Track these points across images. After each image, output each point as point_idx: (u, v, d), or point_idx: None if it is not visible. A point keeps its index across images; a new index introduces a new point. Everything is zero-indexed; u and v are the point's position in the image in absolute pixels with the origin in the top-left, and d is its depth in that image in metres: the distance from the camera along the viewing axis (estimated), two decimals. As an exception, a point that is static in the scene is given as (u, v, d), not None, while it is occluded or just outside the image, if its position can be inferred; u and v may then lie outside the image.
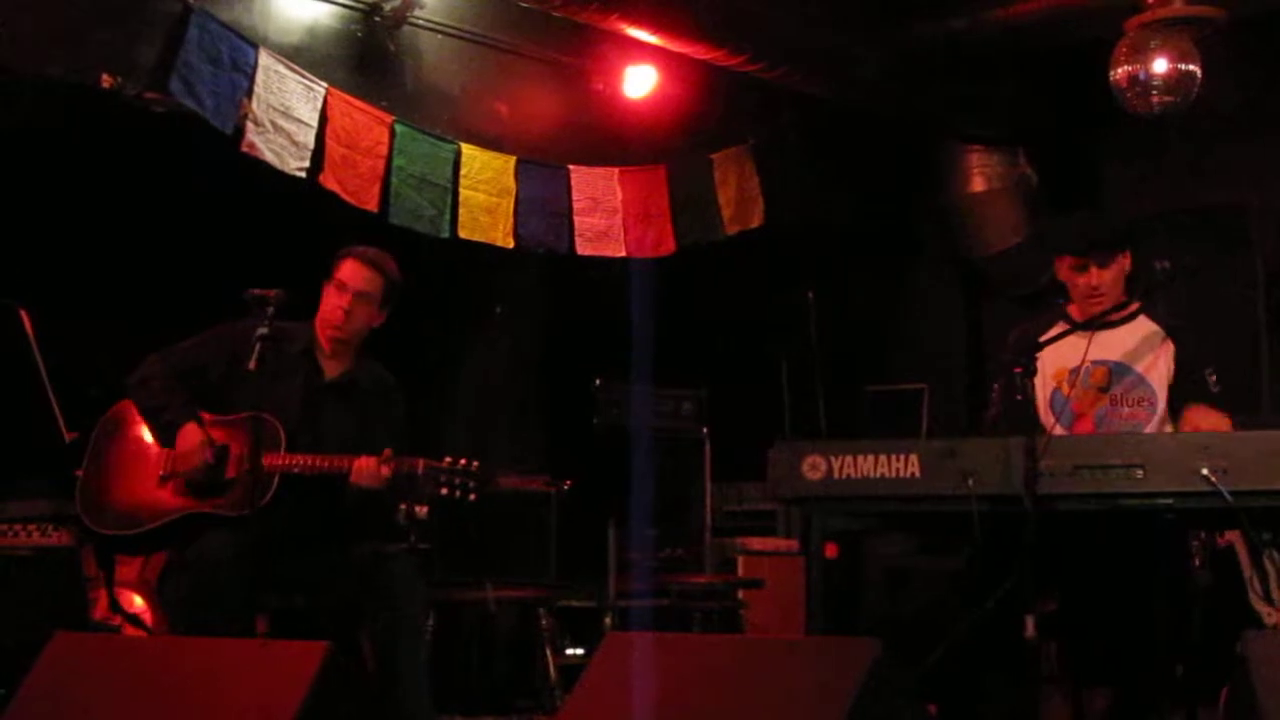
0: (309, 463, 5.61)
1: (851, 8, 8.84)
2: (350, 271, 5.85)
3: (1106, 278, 5.60)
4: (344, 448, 5.66)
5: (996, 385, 5.77)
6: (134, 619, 6.63)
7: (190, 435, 5.66)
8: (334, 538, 5.73)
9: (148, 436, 5.77)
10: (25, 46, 6.58)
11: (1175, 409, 5.56)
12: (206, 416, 5.75)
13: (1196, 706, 5.78)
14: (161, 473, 5.69)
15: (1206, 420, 5.36)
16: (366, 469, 5.58)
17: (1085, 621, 5.70)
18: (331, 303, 5.84)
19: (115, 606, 6.52)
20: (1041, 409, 5.60)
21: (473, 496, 5.62)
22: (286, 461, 5.59)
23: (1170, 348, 5.63)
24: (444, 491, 5.62)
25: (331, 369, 5.90)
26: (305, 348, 5.87)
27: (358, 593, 5.58)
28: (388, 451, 5.59)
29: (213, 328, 5.89)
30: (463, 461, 5.63)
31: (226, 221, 7.59)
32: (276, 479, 5.56)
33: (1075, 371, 5.61)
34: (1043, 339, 5.46)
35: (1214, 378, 5.55)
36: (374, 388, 5.97)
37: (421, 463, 5.63)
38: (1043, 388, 5.64)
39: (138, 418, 5.80)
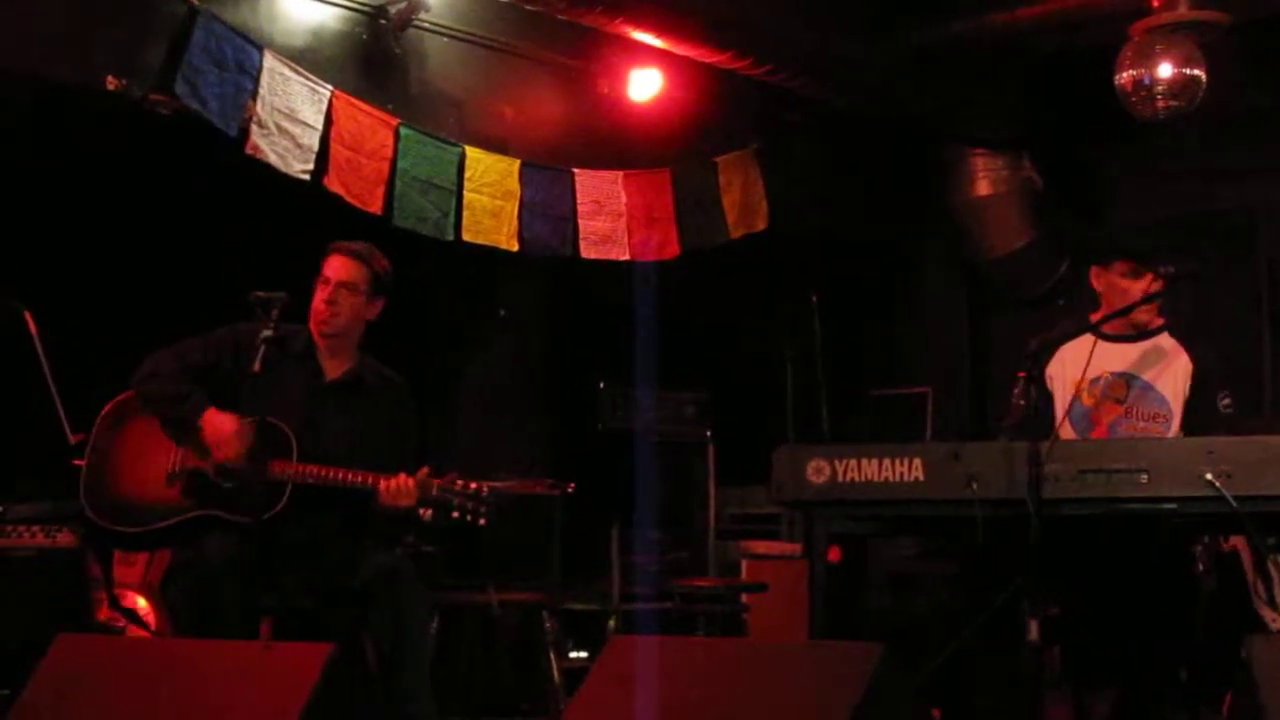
0: (324, 474, 5.55)
1: (856, 11, 8.85)
2: (333, 265, 5.84)
3: (1157, 289, 5.61)
4: (350, 449, 5.64)
5: (1016, 390, 5.76)
6: (132, 614, 6.62)
7: (221, 422, 5.57)
8: (344, 544, 5.70)
9: (153, 432, 5.68)
10: (30, 48, 6.59)
11: (1190, 433, 5.56)
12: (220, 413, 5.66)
13: (1200, 711, 5.78)
14: (170, 469, 5.62)
15: None
16: (394, 488, 5.53)
17: (1088, 626, 5.70)
18: (317, 298, 5.81)
19: (115, 604, 6.52)
20: (1059, 415, 5.60)
21: (482, 521, 5.59)
22: (299, 471, 5.54)
23: (1188, 365, 5.64)
24: (454, 515, 5.59)
25: (332, 369, 5.87)
26: (304, 349, 5.84)
27: (363, 596, 5.57)
28: (424, 471, 5.56)
29: (218, 329, 5.84)
30: (472, 485, 5.60)
31: (230, 224, 7.59)
32: (289, 489, 5.52)
33: (1095, 380, 5.62)
34: (1063, 346, 5.48)
35: (1226, 400, 5.56)
36: (379, 386, 5.94)
37: (435, 483, 5.58)
38: (1063, 395, 5.65)
39: (141, 413, 5.72)
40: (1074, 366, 5.63)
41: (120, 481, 5.66)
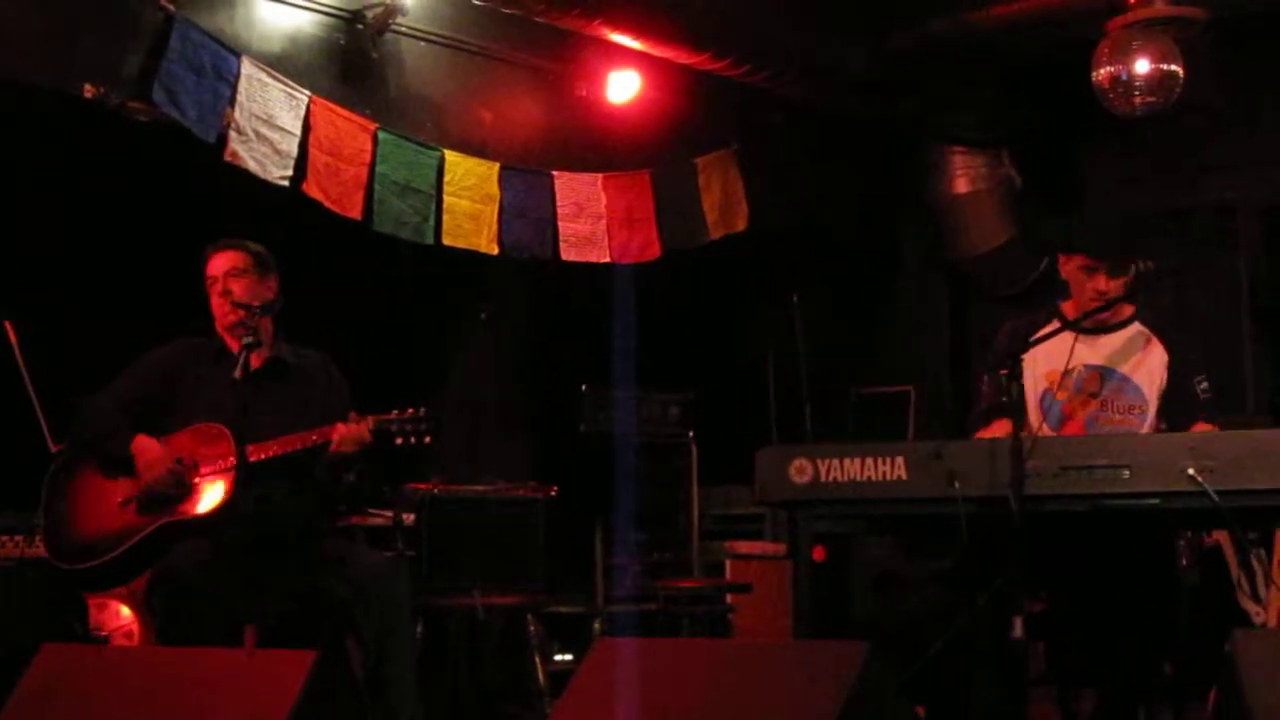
0: (286, 444, 5.63)
1: (833, 11, 8.85)
2: (212, 264, 5.91)
3: (1115, 285, 5.59)
4: (287, 424, 5.68)
5: (986, 378, 5.77)
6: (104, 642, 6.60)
7: (147, 448, 5.65)
8: (306, 532, 5.74)
9: (101, 473, 5.72)
10: (7, 56, 6.57)
11: (1170, 419, 5.56)
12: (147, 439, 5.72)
13: (1184, 706, 5.80)
14: (121, 499, 5.65)
15: None
16: (350, 433, 5.62)
17: (1073, 622, 5.71)
18: (212, 302, 5.89)
19: (88, 636, 6.47)
20: (1031, 408, 5.60)
21: (427, 439, 5.72)
22: (261, 451, 5.58)
23: (1163, 355, 5.63)
24: (399, 441, 5.70)
25: (253, 360, 5.84)
26: (218, 352, 5.85)
27: (348, 600, 5.56)
28: (353, 414, 5.67)
29: (143, 357, 5.92)
30: (410, 410, 5.72)
31: (210, 230, 7.57)
32: (233, 474, 5.51)
33: (1067, 373, 5.61)
34: (1034, 337, 5.47)
35: (1204, 384, 5.55)
36: (301, 364, 5.98)
37: (371, 419, 5.68)
38: (1033, 387, 5.65)
39: (85, 461, 5.76)
40: (1045, 360, 5.62)
41: (79, 524, 5.68)
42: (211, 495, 5.60)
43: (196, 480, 5.64)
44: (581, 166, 8.58)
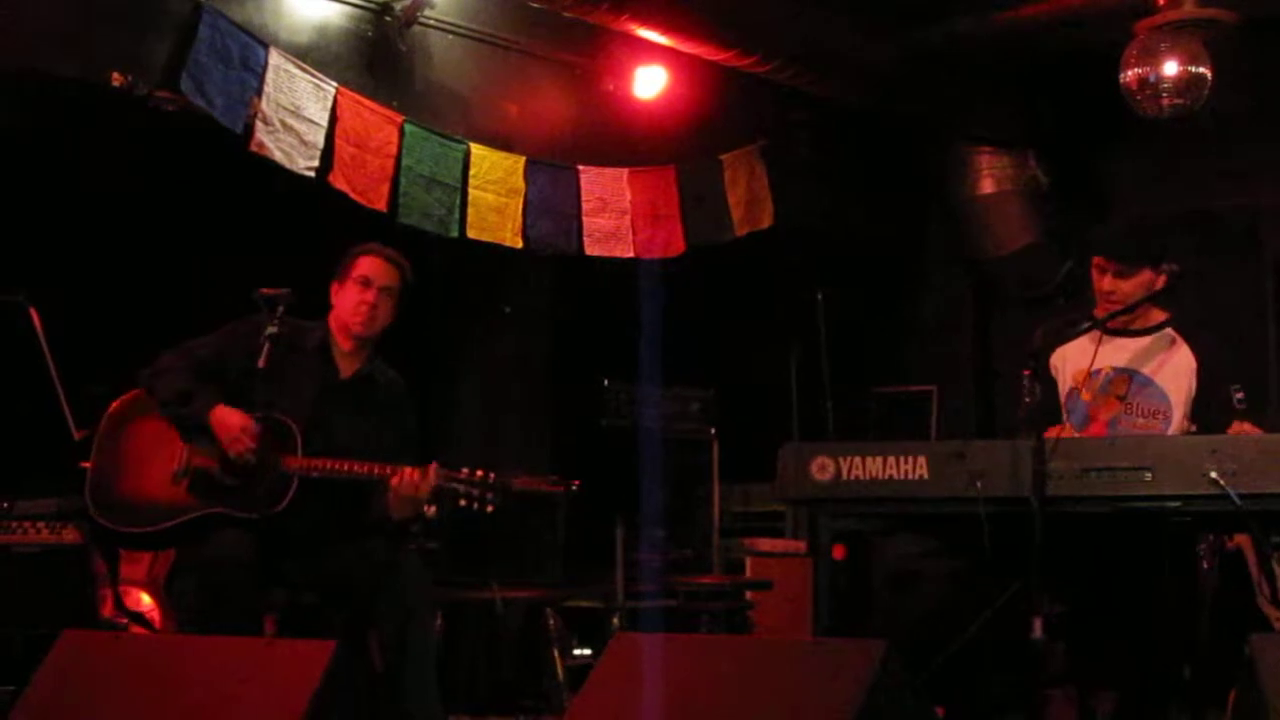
0: (334, 467, 5.57)
1: (861, 9, 8.84)
2: (374, 267, 5.83)
3: (1123, 287, 5.56)
4: (358, 446, 5.65)
5: (1027, 373, 5.74)
6: (138, 617, 6.62)
7: (230, 418, 5.55)
8: (349, 538, 5.71)
9: (158, 431, 5.66)
10: (35, 45, 6.59)
11: (1204, 428, 5.52)
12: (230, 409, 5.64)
13: (1204, 709, 5.78)
14: (176, 468, 5.59)
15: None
16: (409, 478, 5.57)
17: (1092, 624, 5.70)
18: (355, 299, 5.79)
19: (120, 606, 6.52)
20: (1060, 408, 5.60)
21: (490, 509, 5.63)
22: (306, 465, 5.55)
23: (1190, 360, 5.61)
24: (461, 503, 5.63)
25: (346, 368, 5.86)
26: (319, 345, 5.83)
27: (368, 592, 5.57)
28: (434, 465, 5.58)
29: (229, 324, 5.82)
30: (479, 473, 5.64)
31: (235, 220, 7.60)
32: (295, 483, 5.53)
33: (1094, 374, 5.60)
34: (1064, 338, 5.47)
35: (1240, 394, 5.52)
36: (389, 388, 5.95)
37: (435, 473, 5.59)
38: (1062, 386, 5.64)
39: (148, 412, 5.69)
40: (1074, 360, 5.62)
41: (126, 482, 5.64)
42: (267, 494, 5.54)
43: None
44: (607, 161, 8.58)
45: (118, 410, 5.77)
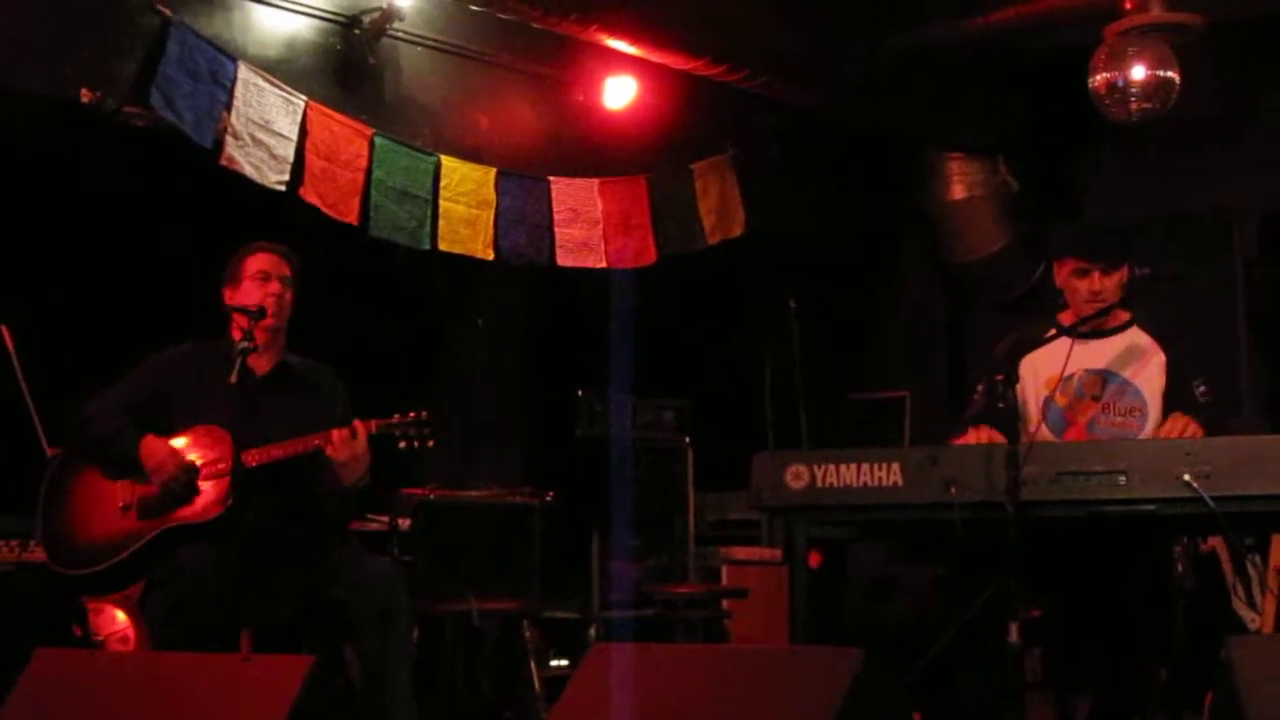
0: (283, 449, 5.59)
1: (830, 17, 8.85)
2: (267, 262, 5.84)
3: (1109, 285, 5.60)
4: (288, 432, 5.64)
5: (981, 385, 5.77)
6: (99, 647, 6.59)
7: (155, 448, 5.59)
8: (311, 540, 5.71)
9: (98, 476, 5.68)
10: (2, 62, 6.57)
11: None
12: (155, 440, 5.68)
13: (1181, 712, 5.79)
14: (121, 503, 5.61)
15: (1176, 426, 5.33)
16: (341, 439, 5.57)
17: (1069, 628, 5.71)
18: (258, 295, 5.78)
19: (88, 640, 6.46)
20: (1033, 415, 5.60)
21: (430, 443, 5.68)
22: (260, 455, 5.56)
23: (1162, 358, 5.63)
24: (402, 445, 5.67)
25: (261, 366, 5.83)
26: (228, 353, 5.73)
27: (343, 604, 5.56)
28: (356, 422, 5.62)
29: (146, 361, 5.86)
30: (411, 414, 5.69)
31: (206, 235, 7.57)
32: (236, 477, 5.51)
33: (1067, 379, 5.61)
34: (1031, 345, 5.47)
35: (1203, 389, 5.55)
36: (306, 373, 5.96)
37: (374, 423, 5.65)
38: (1035, 394, 5.65)
39: (84, 463, 5.72)
40: (1045, 368, 5.62)
41: (79, 529, 5.64)
42: (212, 500, 5.56)
43: (200, 484, 5.62)
44: (578, 172, 8.58)
45: (53, 472, 5.77)
